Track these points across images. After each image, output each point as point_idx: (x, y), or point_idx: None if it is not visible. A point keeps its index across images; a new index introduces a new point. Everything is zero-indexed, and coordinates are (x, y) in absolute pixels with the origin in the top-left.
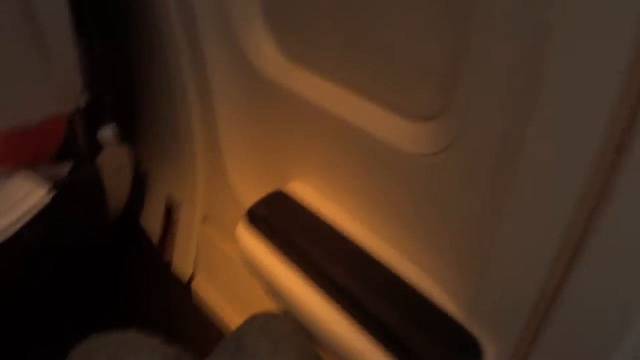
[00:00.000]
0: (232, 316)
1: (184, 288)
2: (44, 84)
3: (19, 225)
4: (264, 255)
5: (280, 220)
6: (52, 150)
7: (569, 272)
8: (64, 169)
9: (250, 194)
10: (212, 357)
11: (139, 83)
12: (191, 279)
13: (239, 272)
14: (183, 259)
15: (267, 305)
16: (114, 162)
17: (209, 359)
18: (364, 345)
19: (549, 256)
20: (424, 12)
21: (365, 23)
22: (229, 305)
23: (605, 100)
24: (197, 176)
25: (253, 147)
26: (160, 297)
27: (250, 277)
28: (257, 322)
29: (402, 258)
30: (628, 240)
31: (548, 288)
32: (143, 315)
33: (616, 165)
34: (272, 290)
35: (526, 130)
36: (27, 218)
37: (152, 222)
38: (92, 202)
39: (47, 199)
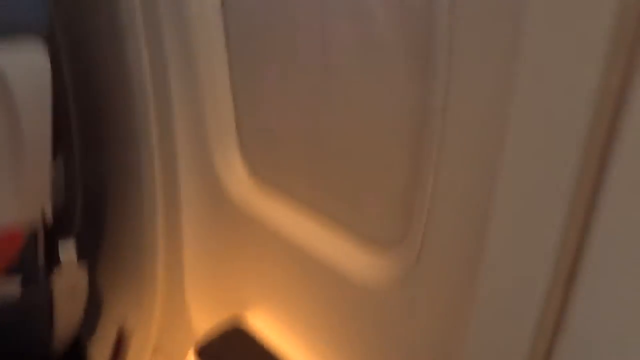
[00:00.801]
0: None
1: None
2: (12, 187)
3: None
4: None
5: None
6: (7, 262)
7: None
8: (12, 284)
9: (206, 319)
10: None
11: (106, 195)
12: None
13: None
14: None
15: None
16: (69, 280)
17: None
18: None
19: None
20: (387, 141)
21: (331, 150)
22: None
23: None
24: (154, 297)
25: (215, 269)
26: None
27: None
28: None
29: None
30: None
31: None
32: None
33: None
34: None
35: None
36: None
37: (100, 350)
38: (38, 327)
39: None
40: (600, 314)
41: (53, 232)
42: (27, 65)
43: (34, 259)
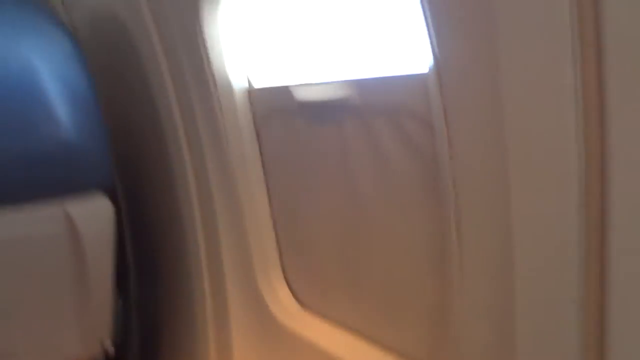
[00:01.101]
0: None
1: None
2: (76, 324)
3: None
4: None
5: None
6: None
7: None
8: None
9: None
10: None
11: (161, 328)
12: None
13: None
14: None
15: None
16: None
17: None
18: None
19: None
20: (412, 264)
21: (364, 275)
22: None
23: None
24: None
25: None
26: None
27: None
28: None
29: None
30: None
31: None
32: None
33: None
34: None
35: None
36: None
37: None
38: None
39: None
40: None
41: None
42: (93, 213)
43: None
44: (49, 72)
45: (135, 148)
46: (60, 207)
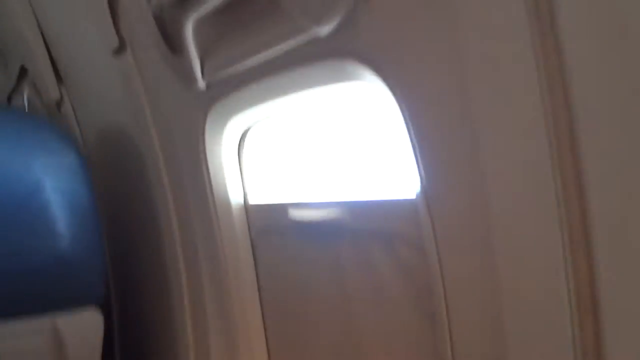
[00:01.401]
0: None
1: None
2: None
3: None
4: None
5: None
6: None
7: None
8: None
9: None
10: None
11: None
12: None
13: None
14: None
15: None
16: None
17: None
18: None
19: None
20: None
21: None
22: None
23: None
24: None
25: None
26: None
27: None
28: None
29: None
30: None
31: None
32: None
33: None
34: None
35: None
36: None
37: None
38: None
39: None
40: None
41: None
42: (82, 327)
43: None
44: (52, 187)
45: (132, 259)
46: (50, 321)
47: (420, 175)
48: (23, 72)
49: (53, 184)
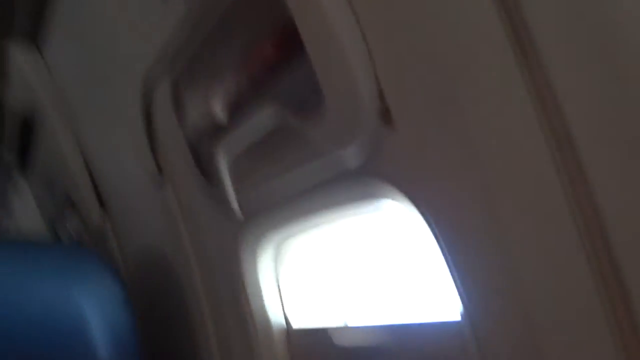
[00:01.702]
0: None
1: None
2: None
3: None
4: None
5: None
6: None
7: None
8: None
9: None
10: None
11: None
12: None
13: None
14: None
15: None
16: None
17: None
18: None
19: None
20: None
21: None
22: None
23: None
24: None
25: None
26: None
27: None
28: None
29: None
30: None
31: None
32: None
33: None
34: None
35: None
36: None
37: None
38: None
39: None
40: None
41: None
42: None
43: None
44: (95, 318)
45: None
46: None
47: (460, 295)
48: (68, 200)
49: (97, 319)
